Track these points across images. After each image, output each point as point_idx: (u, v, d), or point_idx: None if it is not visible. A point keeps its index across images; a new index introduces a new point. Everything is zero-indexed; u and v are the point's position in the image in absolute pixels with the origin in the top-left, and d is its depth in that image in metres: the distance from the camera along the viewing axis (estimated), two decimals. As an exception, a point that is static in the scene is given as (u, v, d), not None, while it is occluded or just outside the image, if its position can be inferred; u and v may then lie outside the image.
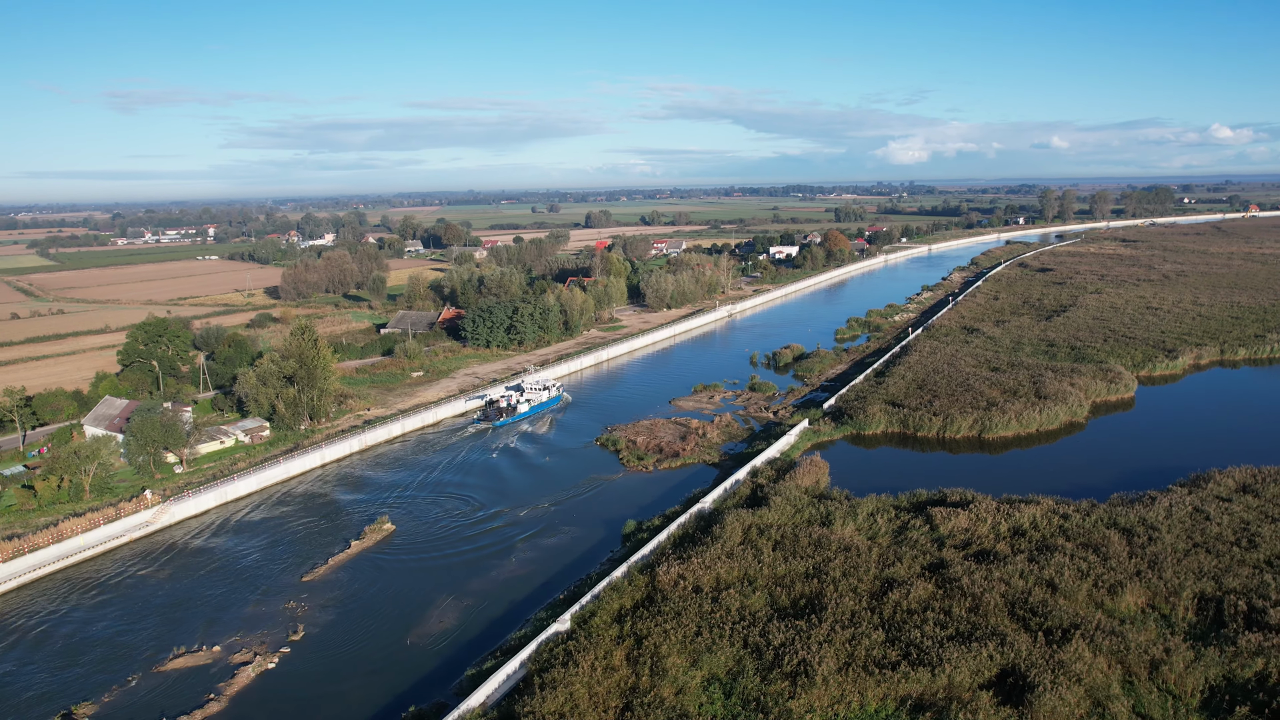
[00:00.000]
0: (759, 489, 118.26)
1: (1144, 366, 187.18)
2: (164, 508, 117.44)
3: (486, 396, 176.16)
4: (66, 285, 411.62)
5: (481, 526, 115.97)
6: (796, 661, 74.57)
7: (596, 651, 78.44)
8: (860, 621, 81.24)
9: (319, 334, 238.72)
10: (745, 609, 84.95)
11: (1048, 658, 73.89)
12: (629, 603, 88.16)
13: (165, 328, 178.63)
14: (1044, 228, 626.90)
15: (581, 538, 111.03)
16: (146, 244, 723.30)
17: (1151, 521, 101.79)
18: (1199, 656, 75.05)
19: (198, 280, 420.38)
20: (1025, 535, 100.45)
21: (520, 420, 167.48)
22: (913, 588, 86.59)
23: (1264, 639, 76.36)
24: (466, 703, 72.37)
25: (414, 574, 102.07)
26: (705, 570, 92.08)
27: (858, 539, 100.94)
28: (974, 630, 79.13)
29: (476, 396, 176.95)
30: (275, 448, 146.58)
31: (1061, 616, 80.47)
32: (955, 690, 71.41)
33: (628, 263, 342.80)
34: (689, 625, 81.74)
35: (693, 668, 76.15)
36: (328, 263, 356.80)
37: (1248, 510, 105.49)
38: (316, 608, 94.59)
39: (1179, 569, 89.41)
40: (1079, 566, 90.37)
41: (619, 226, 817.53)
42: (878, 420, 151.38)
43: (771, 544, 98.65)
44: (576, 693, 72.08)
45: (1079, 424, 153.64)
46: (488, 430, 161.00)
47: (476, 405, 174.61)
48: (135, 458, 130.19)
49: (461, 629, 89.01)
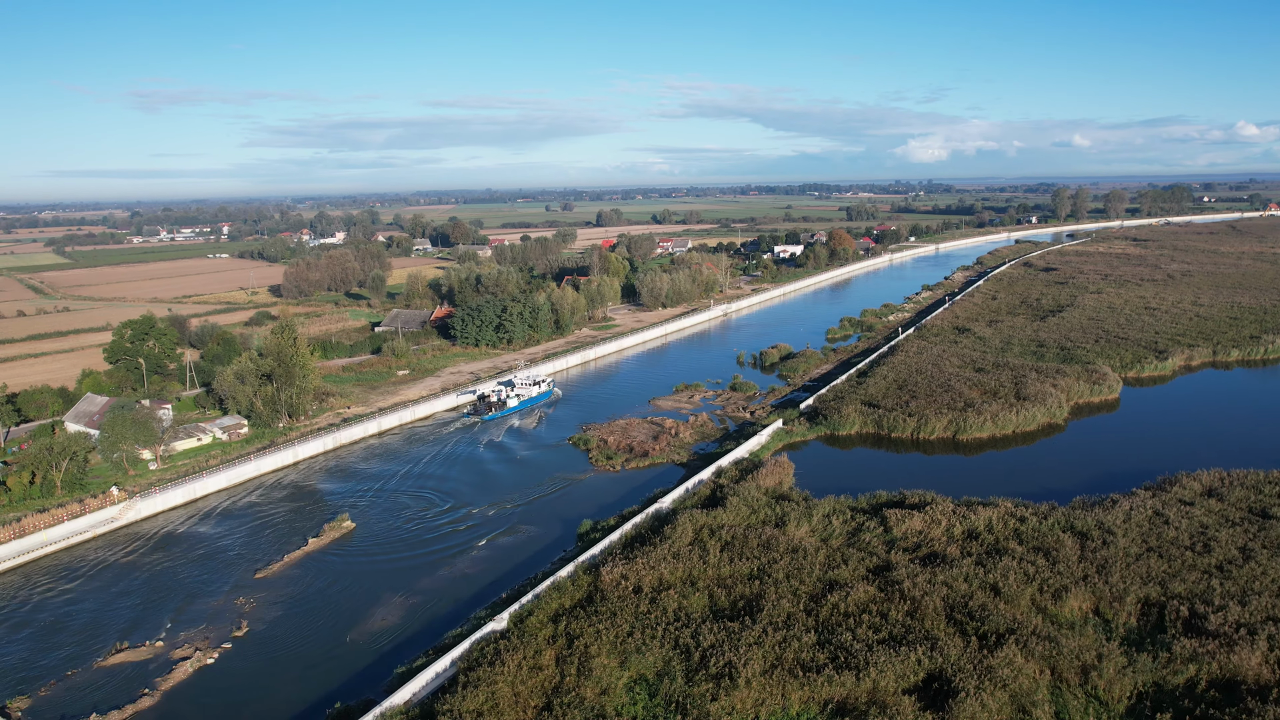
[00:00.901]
0: (719, 489, 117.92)
1: (1132, 368, 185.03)
2: (130, 504, 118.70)
3: (477, 391, 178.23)
4: (77, 283, 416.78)
5: (443, 525, 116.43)
6: (723, 663, 74.31)
7: (526, 651, 78.53)
8: (794, 624, 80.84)
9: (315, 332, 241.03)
10: (683, 610, 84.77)
11: (976, 663, 73.22)
12: (569, 602, 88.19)
13: (152, 325, 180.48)
14: (1057, 227, 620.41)
15: (537, 537, 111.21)
16: (161, 242, 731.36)
17: (1108, 525, 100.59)
18: (1131, 663, 74.23)
19: (205, 278, 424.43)
20: (978, 538, 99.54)
21: (509, 414, 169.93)
22: (853, 590, 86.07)
23: (1199, 645, 75.36)
24: (390, 700, 72.71)
25: (366, 572, 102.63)
26: (649, 570, 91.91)
27: (810, 541, 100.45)
28: (908, 634, 78.55)
29: (467, 391, 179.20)
30: (252, 445, 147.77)
31: (998, 621, 79.69)
32: (879, 694, 70.92)
33: (626, 262, 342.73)
34: (622, 626, 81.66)
35: (621, 668, 76.09)
36: (330, 261, 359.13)
37: (1208, 514, 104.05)
38: (265, 604, 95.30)
39: (1127, 574, 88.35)
40: (1026, 570, 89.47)
41: (630, 225, 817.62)
42: (852, 421, 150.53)
43: (720, 545, 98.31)
44: (499, 691, 72.20)
45: (1058, 425, 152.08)
46: (476, 424, 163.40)
47: (468, 400, 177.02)
48: (109, 454, 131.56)
49: (403, 627, 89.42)
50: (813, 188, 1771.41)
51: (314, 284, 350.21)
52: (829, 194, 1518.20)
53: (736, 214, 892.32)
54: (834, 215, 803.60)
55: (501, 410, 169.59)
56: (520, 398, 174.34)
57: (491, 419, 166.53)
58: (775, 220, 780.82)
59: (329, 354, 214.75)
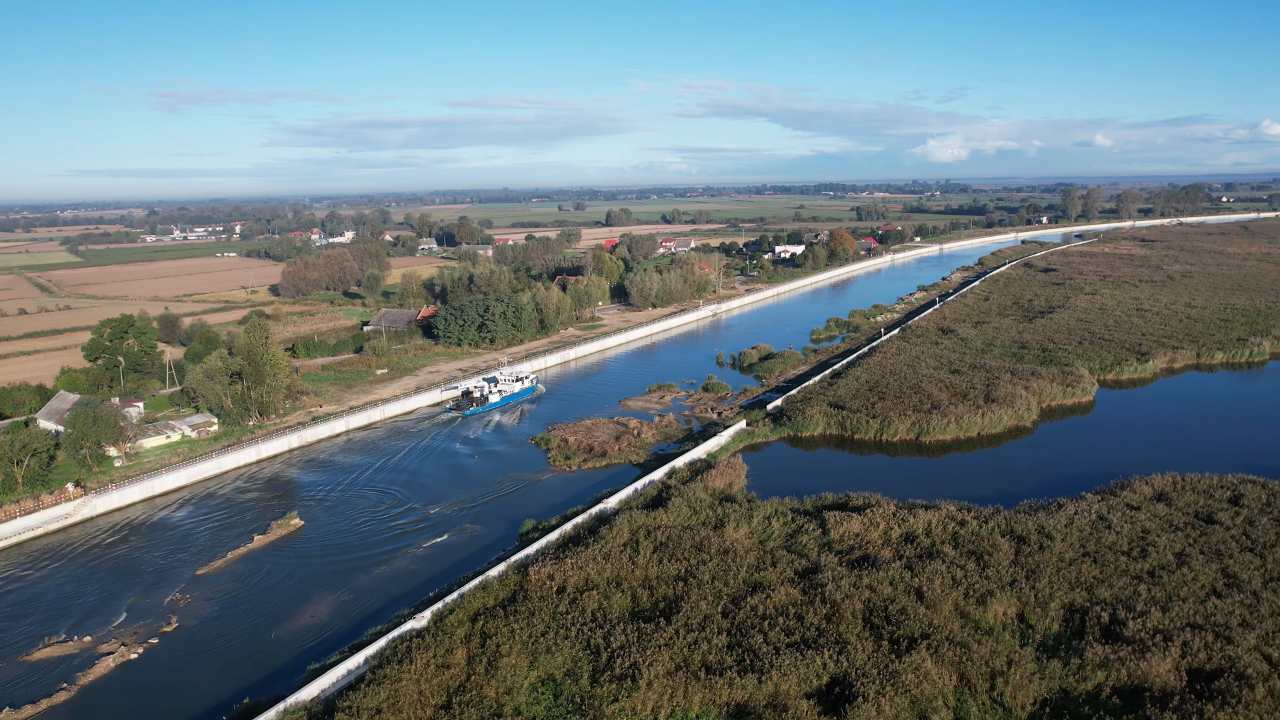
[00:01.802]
0: (666, 490, 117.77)
1: (1111, 370, 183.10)
2: (86, 500, 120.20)
3: (459, 387, 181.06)
4: (83, 282, 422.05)
5: (393, 524, 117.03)
6: (628, 665, 74.34)
7: (438, 649, 78.95)
8: (709, 625, 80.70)
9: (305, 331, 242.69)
10: (602, 610, 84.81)
11: (882, 667, 72.83)
12: (492, 601, 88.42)
13: (131, 324, 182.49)
14: (1067, 227, 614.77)
15: (481, 536, 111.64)
16: (174, 241, 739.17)
17: (1049, 529, 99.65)
18: (1041, 670, 73.60)
19: (209, 277, 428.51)
20: (915, 541, 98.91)
21: (491, 410, 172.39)
22: (774, 593, 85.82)
23: (1113, 652, 74.59)
24: (296, 696, 73.33)
25: (306, 569, 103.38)
26: (576, 571, 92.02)
27: (746, 542, 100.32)
28: (820, 637, 78.22)
29: (450, 388, 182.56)
30: (220, 442, 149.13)
31: (913, 626, 79.22)
32: (780, 698, 70.68)
33: (621, 262, 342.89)
34: (538, 625, 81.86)
35: (530, 668, 76.32)
36: (328, 260, 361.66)
37: (1153, 519, 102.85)
38: (201, 600, 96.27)
39: (1056, 579, 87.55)
40: (954, 575, 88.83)
41: (639, 225, 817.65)
42: (816, 422, 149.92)
43: (654, 546, 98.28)
44: (402, 689, 72.60)
45: (1025, 428, 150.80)
46: (457, 419, 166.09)
47: (450, 396, 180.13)
48: (72, 451, 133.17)
49: (329, 625, 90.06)
50: (829, 187, 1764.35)
51: (312, 283, 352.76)
52: (844, 194, 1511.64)
53: (747, 214, 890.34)
54: (844, 215, 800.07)
55: (483, 406, 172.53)
56: (502, 394, 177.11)
57: (473, 414, 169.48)
58: (784, 220, 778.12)
59: (311, 353, 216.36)
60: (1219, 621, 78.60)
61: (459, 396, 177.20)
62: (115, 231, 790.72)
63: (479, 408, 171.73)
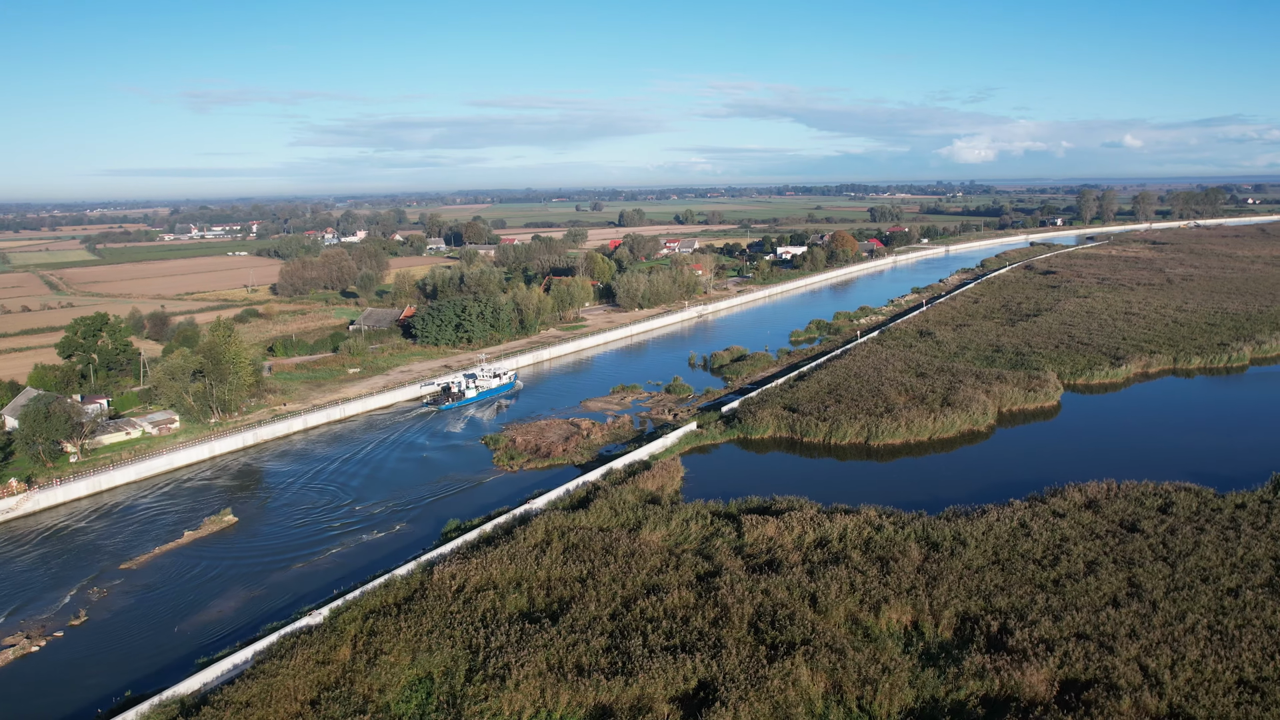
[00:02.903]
0: (595, 491, 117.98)
1: (1082, 374, 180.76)
2: (28, 495, 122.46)
3: (437, 383, 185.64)
4: (93, 280, 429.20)
5: (327, 522, 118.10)
6: (501, 665, 74.70)
7: (323, 645, 79.72)
8: (593, 627, 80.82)
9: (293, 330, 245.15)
10: (494, 610, 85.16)
11: (752, 672, 72.58)
12: (393, 599, 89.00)
13: (105, 322, 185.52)
14: (1081, 229, 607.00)
15: (408, 535, 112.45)
16: (191, 240, 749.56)
17: (964, 536, 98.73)
18: (916, 678, 73.01)
19: (215, 275, 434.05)
20: (827, 546, 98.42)
21: (467, 405, 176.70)
22: (668, 596, 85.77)
23: (992, 661, 73.78)
24: (174, 689, 74.53)
25: (229, 565, 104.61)
26: (479, 571, 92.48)
27: (659, 544, 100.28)
28: (700, 641, 78.06)
29: (429, 384, 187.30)
30: (179, 439, 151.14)
31: (795, 632, 78.84)
32: (645, 701, 70.64)
33: (614, 263, 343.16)
34: (426, 624, 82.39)
35: (410, 666, 76.87)
36: (326, 260, 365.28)
37: (1075, 526, 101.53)
38: (117, 594, 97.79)
39: (956, 587, 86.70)
40: (853, 581, 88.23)
41: (652, 225, 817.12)
42: (766, 424, 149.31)
43: (564, 547, 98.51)
44: (276, 684, 73.35)
45: (980, 432, 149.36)
46: (432, 414, 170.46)
47: (430, 391, 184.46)
48: (25, 447, 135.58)
49: (234, 620, 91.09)
50: (850, 188, 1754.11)
51: (310, 282, 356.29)
52: (865, 195, 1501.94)
53: (761, 214, 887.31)
54: (858, 216, 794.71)
55: (459, 401, 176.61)
56: (479, 389, 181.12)
57: (448, 409, 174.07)
58: (798, 221, 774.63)
59: (289, 352, 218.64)
60: (1107, 631, 77.54)
61: (437, 392, 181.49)
62: (135, 230, 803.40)
63: (454, 403, 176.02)
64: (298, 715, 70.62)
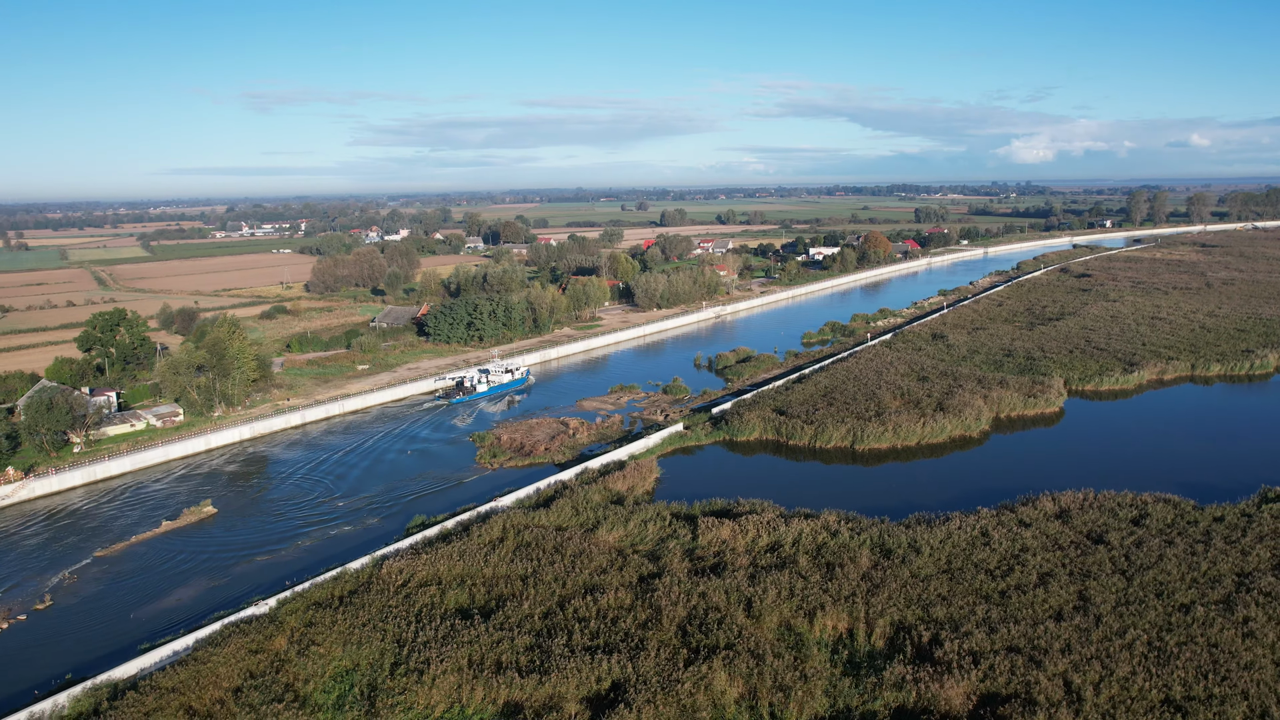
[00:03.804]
0: (564, 489, 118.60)
1: (1091, 380, 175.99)
2: (24, 483, 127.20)
3: (452, 377, 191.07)
4: (140, 276, 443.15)
5: (305, 515, 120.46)
6: (423, 660, 75.67)
7: (260, 635, 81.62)
8: (523, 625, 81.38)
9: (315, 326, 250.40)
10: (431, 605, 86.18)
11: (665, 675, 72.42)
12: (340, 591, 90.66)
13: (123, 317, 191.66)
14: (1130, 231, 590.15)
15: (376, 529, 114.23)
16: (241, 237, 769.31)
17: (921, 543, 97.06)
18: (832, 686, 72.14)
19: (254, 273, 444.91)
20: (778, 550, 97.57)
21: (478, 399, 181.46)
22: (604, 596, 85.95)
23: (914, 672, 72.53)
24: (110, 673, 77.00)
25: (199, 555, 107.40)
26: (427, 566, 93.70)
27: (614, 544, 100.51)
28: (624, 642, 78.13)
29: (442, 378, 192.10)
30: (183, 431, 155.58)
31: (720, 635, 78.47)
32: (556, 700, 70.99)
33: (637, 263, 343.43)
34: (363, 617, 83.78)
35: (341, 658, 78.26)
36: (358, 258, 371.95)
37: (1038, 537, 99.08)
38: (87, 580, 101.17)
39: (897, 595, 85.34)
40: (794, 586, 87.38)
41: (693, 225, 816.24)
42: (753, 427, 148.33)
43: (516, 545, 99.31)
44: (204, 670, 75.42)
45: (972, 438, 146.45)
46: (443, 407, 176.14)
47: (443, 386, 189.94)
48: (29, 437, 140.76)
49: (190, 608, 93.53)
50: (901, 188, 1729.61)
51: (342, 279, 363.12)
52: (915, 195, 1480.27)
53: (804, 215, 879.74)
54: (902, 217, 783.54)
55: (469, 395, 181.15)
56: (491, 383, 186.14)
57: (459, 402, 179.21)
58: (841, 221, 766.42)
59: (304, 348, 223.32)
60: (1041, 645, 75.58)
61: (450, 386, 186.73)
62: (190, 228, 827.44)
63: (465, 397, 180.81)
64: (219, 701, 72.44)
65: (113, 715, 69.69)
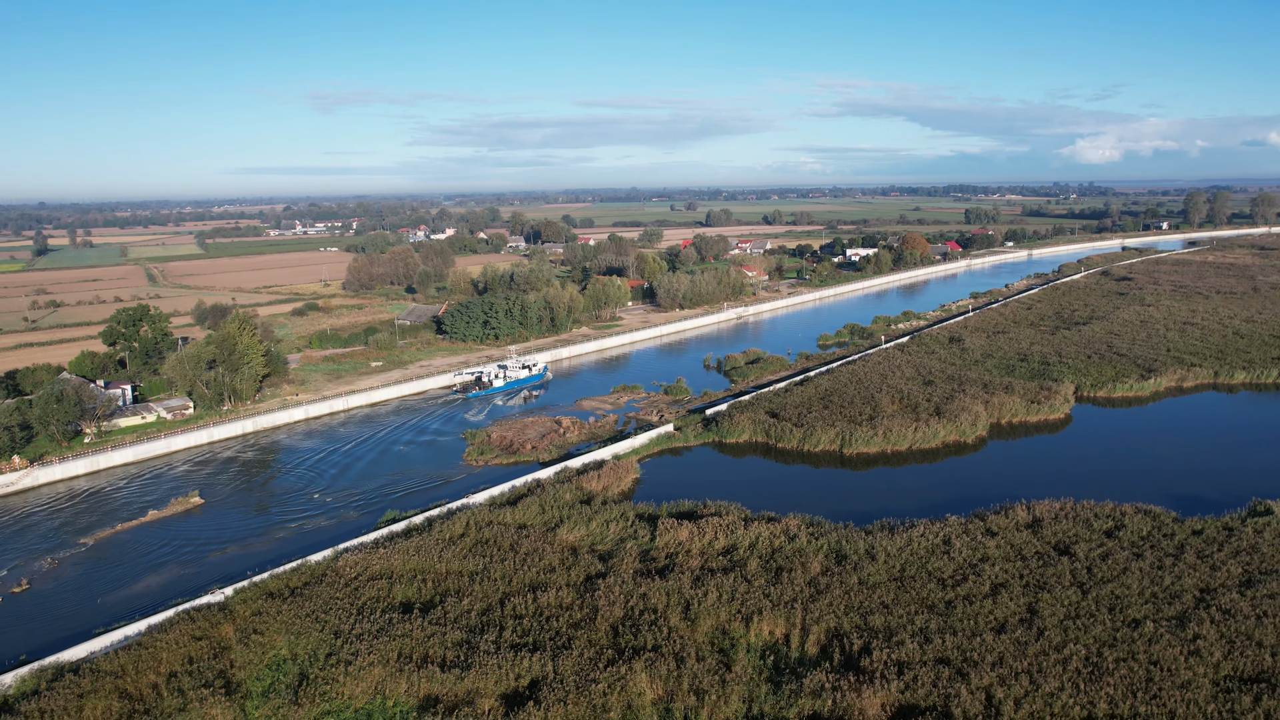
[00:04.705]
0: (537, 488, 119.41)
1: (1104, 386, 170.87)
2: (29, 471, 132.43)
3: (472, 372, 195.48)
4: (189, 273, 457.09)
5: (288, 508, 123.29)
6: (353, 651, 77.01)
7: (206, 622, 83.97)
8: (459, 620, 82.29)
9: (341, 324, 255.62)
10: (378, 599, 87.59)
11: (582, 675, 72.61)
12: (296, 583, 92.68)
13: (146, 313, 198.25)
14: (1188, 233, 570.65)
15: (351, 523, 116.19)
16: (294, 235, 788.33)
17: (878, 550, 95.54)
18: (750, 692, 71.50)
19: (298, 270, 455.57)
20: (732, 553, 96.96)
21: (494, 394, 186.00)
22: (544, 594, 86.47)
23: (836, 681, 71.48)
24: (58, 656, 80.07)
25: (177, 544, 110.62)
26: (382, 560, 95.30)
27: (576, 543, 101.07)
28: (552, 640, 78.53)
29: (461, 373, 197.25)
30: (189, 424, 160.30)
31: (648, 637, 78.44)
32: (474, 695, 71.70)
33: (664, 262, 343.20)
34: (308, 608, 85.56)
35: (280, 647, 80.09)
36: (393, 257, 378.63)
37: (1001, 546, 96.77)
38: (67, 564, 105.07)
39: (838, 602, 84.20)
40: (737, 590, 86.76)
41: (739, 225, 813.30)
42: (742, 429, 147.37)
43: (473, 542, 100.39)
44: (145, 655, 78.02)
45: (967, 444, 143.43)
46: (458, 401, 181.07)
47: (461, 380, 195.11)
48: (41, 427, 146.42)
49: (157, 594, 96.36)
50: (958, 189, 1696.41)
51: (377, 278, 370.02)
52: (970, 196, 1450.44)
53: (852, 215, 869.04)
54: (952, 218, 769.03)
55: (485, 390, 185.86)
56: (507, 379, 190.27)
57: (475, 396, 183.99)
58: (889, 222, 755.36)
59: (324, 345, 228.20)
60: (973, 658, 73.87)
61: (469, 381, 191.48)
62: (245, 226, 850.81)
63: (481, 391, 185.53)
64: (153, 686, 74.68)
65: (49, 696, 72.31)
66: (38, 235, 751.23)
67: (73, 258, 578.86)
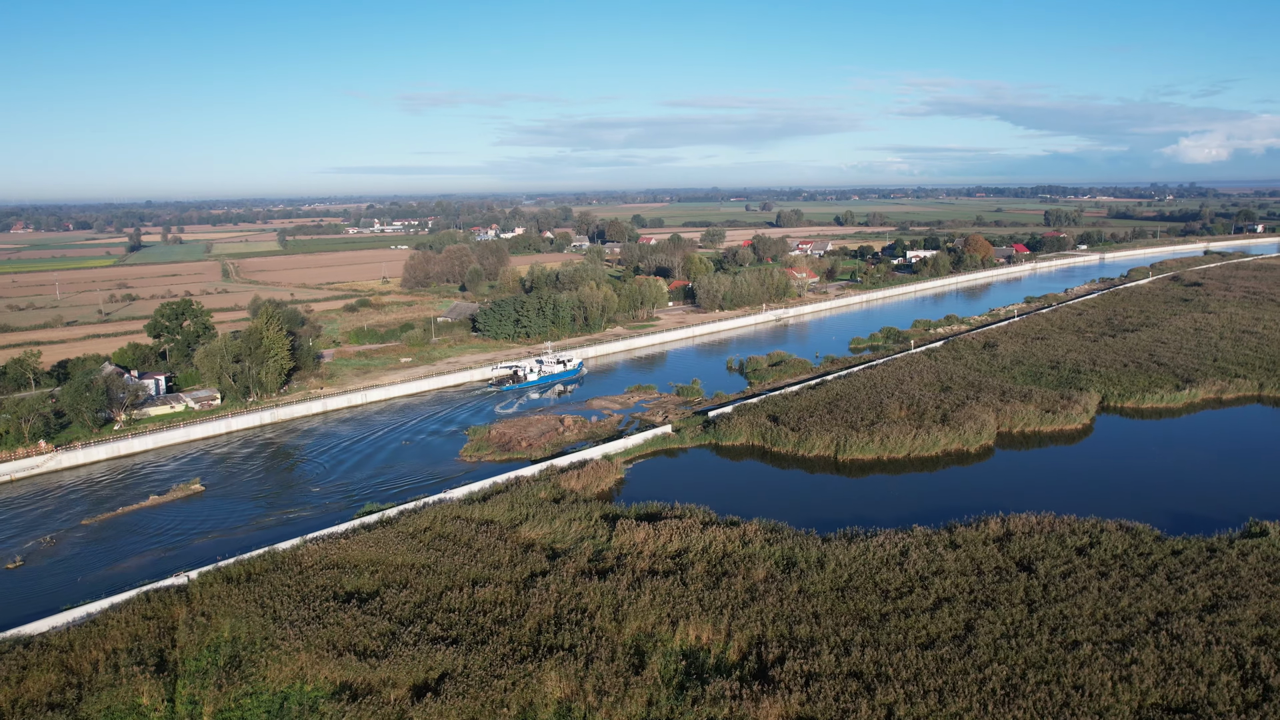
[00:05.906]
0: (514, 485, 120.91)
1: (1132, 397, 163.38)
2: (53, 455, 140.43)
3: (510, 367, 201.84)
4: (261, 269, 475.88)
5: (279, 497, 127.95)
6: (283, 637, 79.65)
7: (160, 603, 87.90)
8: (394, 611, 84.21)
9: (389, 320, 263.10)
10: (325, 588, 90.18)
11: (491, 670, 73.60)
12: (258, 569, 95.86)
13: (188, 306, 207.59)
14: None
15: (334, 514, 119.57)
16: (372, 233, 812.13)
17: (829, 559, 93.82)
18: (654, 695, 71.28)
19: (365, 267, 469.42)
20: (682, 556, 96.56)
21: (528, 387, 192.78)
22: (481, 589, 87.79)
23: (736, 690, 70.69)
24: (21, 629, 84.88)
25: (170, 528, 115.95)
26: (341, 551, 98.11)
27: (537, 540, 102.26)
28: (474, 635, 79.69)
29: (501, 367, 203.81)
30: (212, 414, 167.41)
31: (566, 636, 78.92)
32: (387, 684, 73.39)
33: (710, 263, 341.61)
34: (258, 594, 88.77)
35: (225, 630, 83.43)
36: (449, 255, 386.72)
37: (960, 560, 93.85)
38: (65, 544, 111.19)
39: (768, 610, 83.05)
40: (672, 593, 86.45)
41: (810, 225, 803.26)
42: (739, 432, 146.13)
43: (433, 536, 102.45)
44: (95, 632, 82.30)
45: (970, 453, 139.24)
46: (493, 394, 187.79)
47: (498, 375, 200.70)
48: (73, 414, 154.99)
49: (136, 576, 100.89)
50: (1046, 190, 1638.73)
51: (433, 276, 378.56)
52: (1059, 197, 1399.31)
53: (927, 216, 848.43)
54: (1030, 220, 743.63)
55: (518, 384, 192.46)
56: (542, 373, 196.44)
57: (509, 389, 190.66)
58: (965, 224, 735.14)
59: (361, 340, 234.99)
60: (887, 673, 71.98)
61: (505, 375, 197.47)
62: (328, 224, 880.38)
63: (516, 384, 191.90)
64: (95, 663, 78.67)
65: (-2, 666, 76.90)
66: (135, 232, 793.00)
67: (161, 253, 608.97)
